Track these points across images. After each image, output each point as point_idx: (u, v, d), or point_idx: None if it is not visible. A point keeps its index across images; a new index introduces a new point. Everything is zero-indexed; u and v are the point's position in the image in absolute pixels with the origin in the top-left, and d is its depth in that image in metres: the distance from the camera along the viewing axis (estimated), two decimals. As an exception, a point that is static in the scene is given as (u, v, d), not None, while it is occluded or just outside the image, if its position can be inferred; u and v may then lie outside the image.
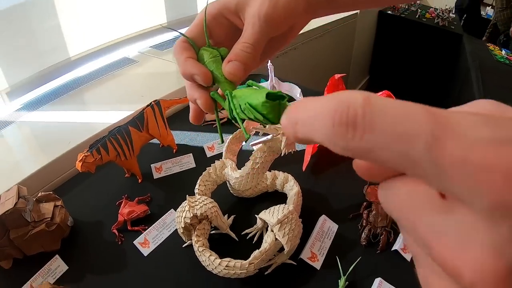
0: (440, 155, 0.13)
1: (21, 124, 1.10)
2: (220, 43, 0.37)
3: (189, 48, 0.35)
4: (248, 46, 0.34)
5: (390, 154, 0.14)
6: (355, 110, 0.15)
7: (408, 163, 0.14)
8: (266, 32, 0.34)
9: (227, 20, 0.37)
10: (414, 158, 0.14)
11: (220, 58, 0.35)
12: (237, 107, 0.30)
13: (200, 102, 0.34)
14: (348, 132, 0.15)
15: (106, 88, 1.27)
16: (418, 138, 0.13)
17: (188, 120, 0.39)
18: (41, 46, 1.26)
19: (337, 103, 0.15)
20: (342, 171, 0.95)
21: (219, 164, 0.81)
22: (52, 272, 0.73)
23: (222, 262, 0.64)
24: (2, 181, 0.87)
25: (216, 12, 0.36)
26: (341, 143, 0.15)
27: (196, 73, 0.33)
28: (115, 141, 0.82)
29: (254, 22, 0.34)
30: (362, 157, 0.15)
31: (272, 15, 0.34)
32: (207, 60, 0.34)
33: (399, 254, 0.74)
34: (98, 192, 0.90)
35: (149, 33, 1.58)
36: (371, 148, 0.14)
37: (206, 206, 0.68)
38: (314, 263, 0.72)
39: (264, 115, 0.27)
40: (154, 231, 0.79)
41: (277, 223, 0.65)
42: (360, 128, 0.14)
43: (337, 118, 0.15)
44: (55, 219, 0.76)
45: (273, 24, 0.34)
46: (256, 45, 0.34)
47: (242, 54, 0.33)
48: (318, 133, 0.16)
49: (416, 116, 0.14)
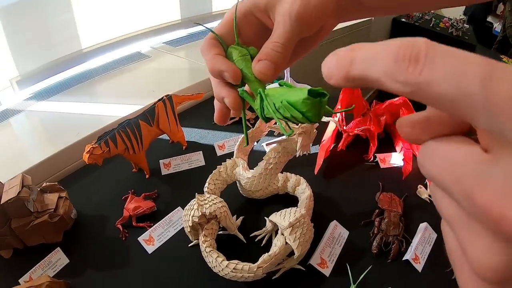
0: (494, 91, 0.14)
1: (30, 113, 1.09)
2: (249, 43, 0.36)
3: (217, 45, 0.35)
4: (278, 46, 0.33)
5: (447, 87, 0.15)
6: (419, 47, 0.16)
7: (463, 97, 0.15)
8: (297, 32, 0.34)
9: (256, 19, 0.36)
10: (469, 92, 0.14)
11: (250, 57, 0.34)
12: (271, 106, 0.29)
13: (228, 100, 0.33)
14: (410, 66, 0.16)
15: (117, 81, 1.26)
16: (475, 75, 0.14)
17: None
18: (54, 36, 1.25)
19: (401, 43, 0.16)
20: (355, 176, 0.93)
21: (230, 163, 0.78)
22: (53, 264, 0.71)
23: (230, 265, 0.61)
24: (8, 169, 0.85)
25: (246, 10, 0.36)
26: (401, 77, 0.16)
27: (225, 70, 0.32)
28: (124, 134, 0.81)
29: (285, 21, 0.33)
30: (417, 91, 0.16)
31: (303, 15, 0.33)
32: (236, 58, 0.34)
33: (410, 264, 0.72)
34: (104, 186, 0.89)
35: (163, 29, 1.57)
36: (430, 81, 0.15)
37: (215, 205, 0.66)
38: (323, 270, 0.69)
39: (304, 112, 0.26)
40: (160, 228, 0.77)
41: (289, 227, 0.62)
42: (421, 63, 0.15)
43: (401, 54, 0.16)
44: (58, 210, 0.74)
45: (304, 24, 0.34)
46: (287, 44, 0.33)
47: (272, 53, 0.33)
48: (377, 69, 0.17)
49: (474, 58, 0.15)
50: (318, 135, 0.94)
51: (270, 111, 0.29)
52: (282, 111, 0.28)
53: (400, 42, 0.16)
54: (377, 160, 0.97)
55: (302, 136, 0.65)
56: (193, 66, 1.37)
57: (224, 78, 0.33)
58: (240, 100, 0.33)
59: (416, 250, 0.73)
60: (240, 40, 0.36)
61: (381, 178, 0.91)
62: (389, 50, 0.16)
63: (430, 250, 0.75)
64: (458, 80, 0.15)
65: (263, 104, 0.30)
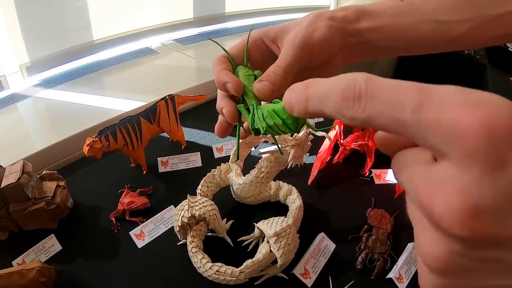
0: (423, 118, 0.16)
1: (36, 100, 1.11)
2: (257, 66, 0.39)
3: (226, 62, 0.38)
4: (279, 69, 0.35)
5: (385, 119, 0.17)
6: (359, 85, 0.18)
7: (399, 126, 0.17)
8: (298, 58, 0.36)
9: (265, 46, 0.39)
10: (403, 121, 0.17)
11: (254, 78, 0.37)
12: (259, 116, 0.31)
13: (225, 110, 0.36)
14: (354, 105, 0.18)
15: (124, 75, 1.28)
16: (406, 105, 0.16)
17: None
18: (67, 24, 1.27)
19: (346, 82, 0.19)
20: (348, 190, 0.94)
21: (225, 168, 0.80)
22: (46, 250, 0.74)
23: (213, 267, 0.63)
24: (10, 152, 0.88)
25: (257, 37, 0.39)
26: (349, 114, 0.19)
27: (228, 81, 0.35)
28: (124, 130, 0.83)
29: (288, 47, 0.36)
30: (364, 124, 0.19)
31: (306, 41, 0.35)
32: (241, 76, 0.37)
33: (393, 283, 0.72)
34: (102, 178, 0.91)
35: (174, 26, 1.59)
36: (372, 116, 0.18)
37: (205, 208, 0.67)
38: (306, 280, 0.71)
39: (284, 119, 0.28)
40: (151, 224, 0.79)
41: (274, 235, 0.64)
42: (363, 101, 0.18)
43: (345, 93, 0.19)
44: (55, 198, 0.76)
45: (306, 51, 0.36)
46: (287, 68, 0.36)
47: (272, 76, 0.35)
48: (329, 107, 0.20)
49: (405, 89, 0.17)
50: (317, 146, 0.95)
51: (258, 121, 0.31)
52: (267, 120, 0.30)
53: (345, 82, 0.19)
54: (373, 175, 0.98)
55: (295, 148, 0.66)
56: (200, 66, 1.39)
57: (227, 89, 0.35)
58: (237, 112, 0.36)
59: (400, 270, 0.74)
60: (249, 64, 0.39)
61: (375, 194, 0.92)
62: (337, 90, 0.19)
63: (415, 270, 0.75)
64: (392, 112, 0.17)
65: (254, 117, 0.32)
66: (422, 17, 0.36)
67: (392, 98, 0.17)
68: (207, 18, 1.69)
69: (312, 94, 0.21)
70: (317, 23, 0.36)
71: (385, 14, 0.36)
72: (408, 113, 0.16)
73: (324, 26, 0.36)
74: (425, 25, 0.36)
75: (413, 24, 0.36)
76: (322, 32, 0.36)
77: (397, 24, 0.36)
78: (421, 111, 0.16)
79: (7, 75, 1.15)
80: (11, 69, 1.16)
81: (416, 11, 0.36)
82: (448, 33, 0.36)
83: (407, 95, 0.17)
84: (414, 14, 0.36)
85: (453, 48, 0.38)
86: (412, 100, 0.16)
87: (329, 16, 0.36)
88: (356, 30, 0.36)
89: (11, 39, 1.12)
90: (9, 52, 1.14)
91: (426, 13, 0.35)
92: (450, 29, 0.35)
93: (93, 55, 1.36)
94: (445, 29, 0.35)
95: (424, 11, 0.36)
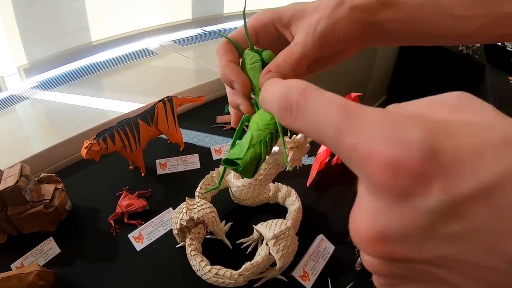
0: (341, 144, 0.17)
1: (35, 102, 1.11)
2: None
3: (232, 50, 0.34)
4: (292, 58, 0.32)
5: (314, 136, 0.18)
6: (292, 97, 0.19)
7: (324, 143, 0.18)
8: (316, 49, 0.32)
9: (276, 31, 0.35)
10: (327, 142, 0.18)
11: (260, 65, 0.33)
12: None
13: (243, 108, 0.33)
14: (287, 115, 0.19)
15: (123, 76, 1.28)
16: (328, 129, 0.17)
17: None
18: (65, 26, 1.27)
19: (282, 91, 0.20)
20: (347, 191, 0.94)
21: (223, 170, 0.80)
22: (44, 253, 0.73)
23: (212, 270, 0.63)
24: (8, 155, 0.88)
25: (268, 21, 0.35)
26: (284, 122, 0.20)
27: (235, 81, 0.32)
28: (122, 132, 0.82)
29: (307, 35, 0.32)
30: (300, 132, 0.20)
31: (327, 33, 0.32)
32: (248, 66, 0.33)
33: (392, 285, 0.72)
34: (100, 180, 0.90)
35: (174, 27, 1.59)
36: (301, 129, 0.19)
37: (204, 210, 0.67)
38: (305, 282, 0.71)
39: None
40: (150, 227, 0.79)
41: (273, 238, 0.64)
42: (294, 113, 0.19)
43: (281, 103, 0.20)
44: (54, 201, 0.76)
45: (325, 43, 0.33)
46: (302, 58, 0.32)
47: (283, 65, 0.31)
48: (273, 111, 0.21)
49: (331, 111, 0.17)
50: (316, 147, 0.95)
51: None
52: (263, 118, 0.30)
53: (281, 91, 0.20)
54: (371, 176, 0.98)
55: (294, 150, 0.66)
56: (199, 67, 1.38)
57: (235, 88, 0.33)
58: (253, 108, 0.33)
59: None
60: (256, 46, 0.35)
61: (373, 195, 0.92)
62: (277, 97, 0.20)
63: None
64: (317, 132, 0.18)
65: None
66: (439, 9, 0.34)
67: (317, 118, 0.18)
68: (205, 18, 1.69)
69: (265, 95, 0.21)
70: (339, 13, 0.33)
71: (407, 5, 0.34)
72: (330, 136, 0.17)
73: (346, 18, 0.33)
74: (441, 17, 0.34)
75: (431, 16, 0.34)
76: (344, 24, 0.33)
77: (416, 15, 0.34)
78: (341, 136, 0.17)
79: (5, 76, 1.15)
80: (9, 70, 1.15)
81: (435, 3, 0.34)
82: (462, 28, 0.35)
83: (331, 119, 0.17)
84: (432, 6, 0.34)
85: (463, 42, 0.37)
86: (333, 124, 0.17)
87: (351, 6, 0.33)
88: (376, 21, 0.34)
89: (9, 40, 1.12)
90: (7, 54, 1.13)
91: (443, 6, 0.35)
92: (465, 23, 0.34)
93: (91, 57, 1.35)
94: (460, 23, 0.34)
95: (442, 3, 0.35)
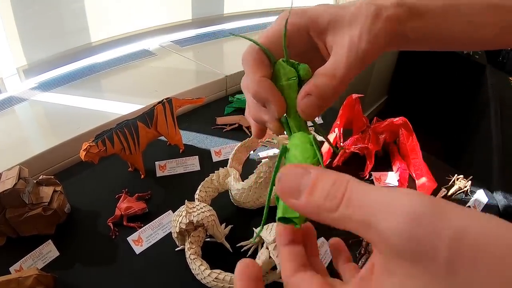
0: None
1: (34, 103, 1.10)
2: (294, 59, 0.32)
3: (263, 61, 0.30)
4: (335, 79, 0.29)
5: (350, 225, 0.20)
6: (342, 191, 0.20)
7: None
8: (358, 68, 0.30)
9: (309, 37, 0.32)
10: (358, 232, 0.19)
11: (296, 82, 0.30)
12: None
13: (271, 127, 0.31)
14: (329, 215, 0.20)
15: (122, 77, 1.27)
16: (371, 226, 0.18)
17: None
18: (64, 26, 1.26)
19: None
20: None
21: (223, 172, 0.79)
22: (43, 256, 0.73)
23: (212, 274, 0.62)
24: (6, 157, 0.87)
25: (301, 25, 0.32)
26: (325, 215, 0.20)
27: (271, 101, 0.29)
28: (121, 134, 0.82)
29: (350, 55, 0.30)
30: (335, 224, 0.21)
31: (369, 51, 0.30)
32: (283, 83, 0.30)
33: (394, 288, 0.72)
34: (99, 182, 0.90)
35: (174, 27, 1.58)
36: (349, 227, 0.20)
37: (203, 214, 0.67)
38: (305, 286, 0.70)
39: None
40: (149, 230, 0.78)
41: (273, 242, 0.63)
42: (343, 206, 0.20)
43: None
44: (52, 204, 0.75)
45: (367, 61, 0.31)
46: (345, 79, 0.29)
47: (324, 86, 0.29)
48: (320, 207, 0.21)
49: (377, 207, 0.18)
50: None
51: None
52: None
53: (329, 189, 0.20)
54: (373, 178, 0.98)
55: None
56: (199, 68, 1.38)
57: (267, 107, 0.30)
58: (282, 127, 0.31)
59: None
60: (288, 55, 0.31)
61: (374, 197, 0.91)
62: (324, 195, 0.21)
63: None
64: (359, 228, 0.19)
65: None
66: (458, 17, 0.33)
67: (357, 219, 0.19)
68: (205, 19, 1.69)
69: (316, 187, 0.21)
70: (377, 26, 0.31)
71: (433, 14, 0.33)
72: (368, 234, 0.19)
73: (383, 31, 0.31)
74: (459, 25, 0.33)
75: (450, 24, 0.34)
76: (382, 39, 0.31)
77: (440, 24, 0.34)
78: None
79: (4, 77, 1.14)
80: (8, 71, 1.15)
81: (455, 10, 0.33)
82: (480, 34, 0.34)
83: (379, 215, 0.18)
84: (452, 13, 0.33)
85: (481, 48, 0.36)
86: None
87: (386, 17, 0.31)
88: (402, 30, 0.33)
89: (8, 41, 1.11)
90: (7, 55, 1.13)
91: (463, 14, 0.33)
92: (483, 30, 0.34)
93: (90, 58, 1.35)
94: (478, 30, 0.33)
95: (461, 12, 0.33)
